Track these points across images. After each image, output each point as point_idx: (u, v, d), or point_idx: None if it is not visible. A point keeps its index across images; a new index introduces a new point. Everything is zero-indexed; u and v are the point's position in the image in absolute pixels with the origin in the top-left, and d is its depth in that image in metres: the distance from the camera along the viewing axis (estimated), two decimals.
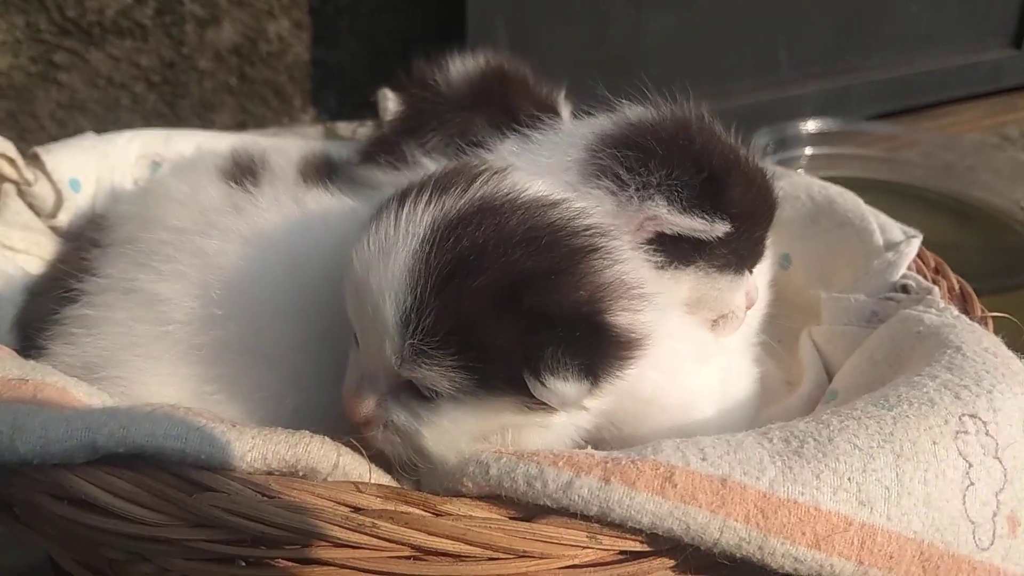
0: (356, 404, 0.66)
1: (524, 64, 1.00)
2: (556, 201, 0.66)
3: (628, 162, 0.74)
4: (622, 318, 0.62)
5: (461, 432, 0.64)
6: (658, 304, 0.66)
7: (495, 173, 0.67)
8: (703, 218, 0.72)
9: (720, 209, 0.73)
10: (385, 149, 0.93)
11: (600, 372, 0.61)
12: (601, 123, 0.79)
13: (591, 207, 0.68)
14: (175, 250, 0.75)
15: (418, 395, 0.64)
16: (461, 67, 0.97)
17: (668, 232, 0.73)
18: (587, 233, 0.64)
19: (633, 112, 0.80)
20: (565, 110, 0.99)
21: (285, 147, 1.02)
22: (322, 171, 0.96)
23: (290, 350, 0.73)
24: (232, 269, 0.73)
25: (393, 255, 0.61)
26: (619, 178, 0.73)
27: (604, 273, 0.63)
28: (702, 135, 0.77)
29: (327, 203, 0.81)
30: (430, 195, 0.64)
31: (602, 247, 0.64)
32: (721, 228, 0.73)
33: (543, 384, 0.58)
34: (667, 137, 0.75)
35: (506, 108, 0.92)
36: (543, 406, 0.61)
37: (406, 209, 0.63)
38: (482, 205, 0.63)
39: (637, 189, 0.73)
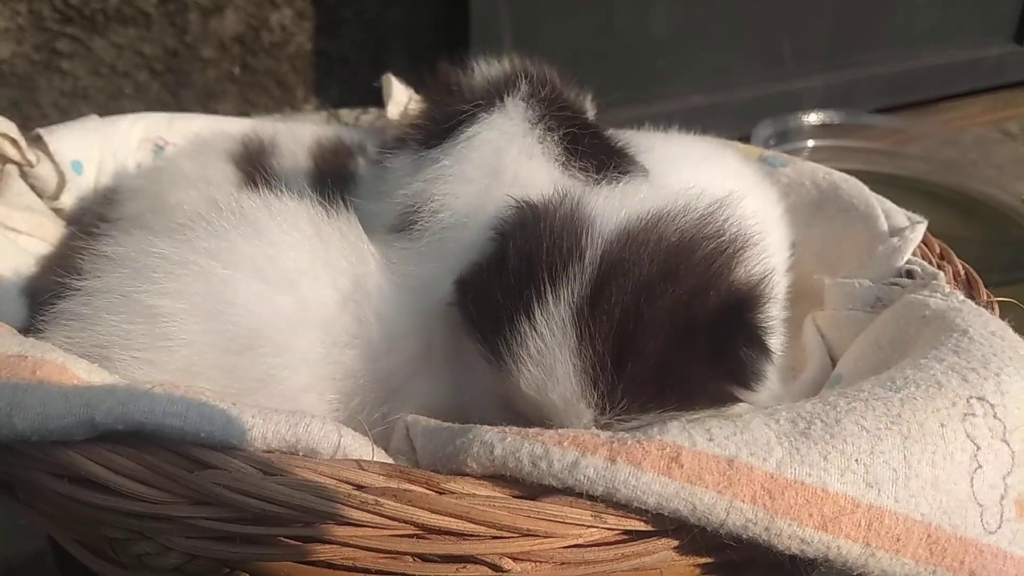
0: None
1: (551, 67, 0.96)
2: (652, 218, 0.68)
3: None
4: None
5: None
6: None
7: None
8: None
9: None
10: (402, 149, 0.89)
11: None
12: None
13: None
14: (181, 268, 0.71)
15: None
16: (486, 71, 0.93)
17: None
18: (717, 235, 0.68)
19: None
20: (592, 113, 0.96)
21: (297, 131, 1.02)
22: (337, 166, 0.95)
23: (299, 391, 0.71)
24: (242, 306, 0.71)
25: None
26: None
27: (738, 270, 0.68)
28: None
29: (346, 236, 0.78)
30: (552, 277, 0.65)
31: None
32: None
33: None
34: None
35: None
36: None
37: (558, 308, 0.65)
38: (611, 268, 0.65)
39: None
